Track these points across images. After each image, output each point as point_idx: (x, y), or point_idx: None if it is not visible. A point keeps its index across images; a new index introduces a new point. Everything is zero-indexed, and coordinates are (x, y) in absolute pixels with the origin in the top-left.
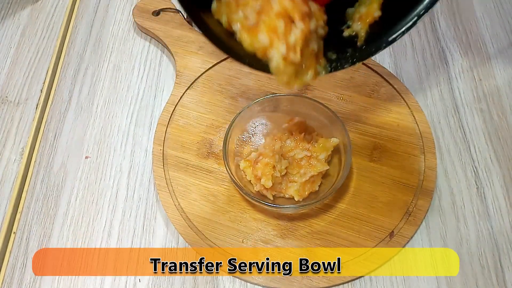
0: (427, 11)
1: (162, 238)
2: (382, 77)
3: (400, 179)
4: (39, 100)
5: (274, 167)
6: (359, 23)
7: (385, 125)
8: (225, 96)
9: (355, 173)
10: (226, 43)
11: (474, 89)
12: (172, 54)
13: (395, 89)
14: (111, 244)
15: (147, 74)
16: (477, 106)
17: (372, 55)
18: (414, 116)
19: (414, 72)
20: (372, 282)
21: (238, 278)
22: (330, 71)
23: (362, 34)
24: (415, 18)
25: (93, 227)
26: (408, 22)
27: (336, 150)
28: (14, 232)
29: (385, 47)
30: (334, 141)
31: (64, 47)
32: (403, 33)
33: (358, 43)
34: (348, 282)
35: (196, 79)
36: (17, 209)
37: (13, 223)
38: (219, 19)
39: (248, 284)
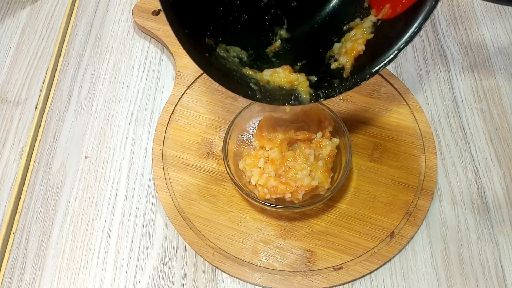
0: (406, 45)
1: (162, 238)
2: (383, 77)
3: (400, 179)
4: (38, 100)
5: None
6: (345, 56)
7: (385, 125)
8: (225, 96)
9: (355, 173)
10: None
11: (474, 89)
12: (172, 54)
13: (395, 89)
14: (111, 244)
15: (147, 74)
16: (478, 105)
17: (358, 85)
18: (414, 116)
19: (414, 72)
20: (372, 283)
21: (238, 278)
22: (319, 99)
23: (348, 66)
24: (396, 51)
25: (93, 227)
26: (390, 55)
27: (336, 150)
28: (13, 232)
29: (369, 78)
30: (335, 141)
31: (63, 46)
32: (385, 65)
33: (345, 75)
34: (348, 282)
35: (196, 79)
36: (17, 209)
37: (13, 223)
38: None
39: (248, 284)
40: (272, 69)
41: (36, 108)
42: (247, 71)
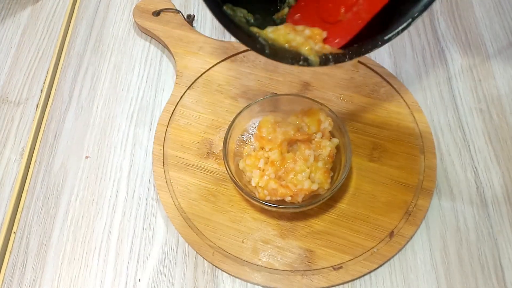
0: (421, 14)
1: (162, 238)
2: (382, 77)
3: (400, 179)
4: (39, 100)
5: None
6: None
7: (385, 125)
8: (225, 96)
9: (355, 173)
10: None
11: (473, 89)
12: (172, 54)
13: (394, 89)
14: (111, 244)
15: (147, 74)
16: (477, 106)
17: (368, 52)
18: (413, 116)
19: (414, 72)
20: (372, 282)
21: (238, 277)
22: (329, 63)
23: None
24: (410, 20)
25: (93, 227)
26: (403, 23)
27: (336, 150)
28: (14, 232)
29: (380, 45)
30: (334, 141)
31: (64, 47)
32: (398, 33)
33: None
34: (348, 282)
35: (196, 79)
36: (17, 209)
37: (13, 223)
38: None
39: (248, 284)
40: (274, 27)
41: (36, 108)
42: (255, 29)
